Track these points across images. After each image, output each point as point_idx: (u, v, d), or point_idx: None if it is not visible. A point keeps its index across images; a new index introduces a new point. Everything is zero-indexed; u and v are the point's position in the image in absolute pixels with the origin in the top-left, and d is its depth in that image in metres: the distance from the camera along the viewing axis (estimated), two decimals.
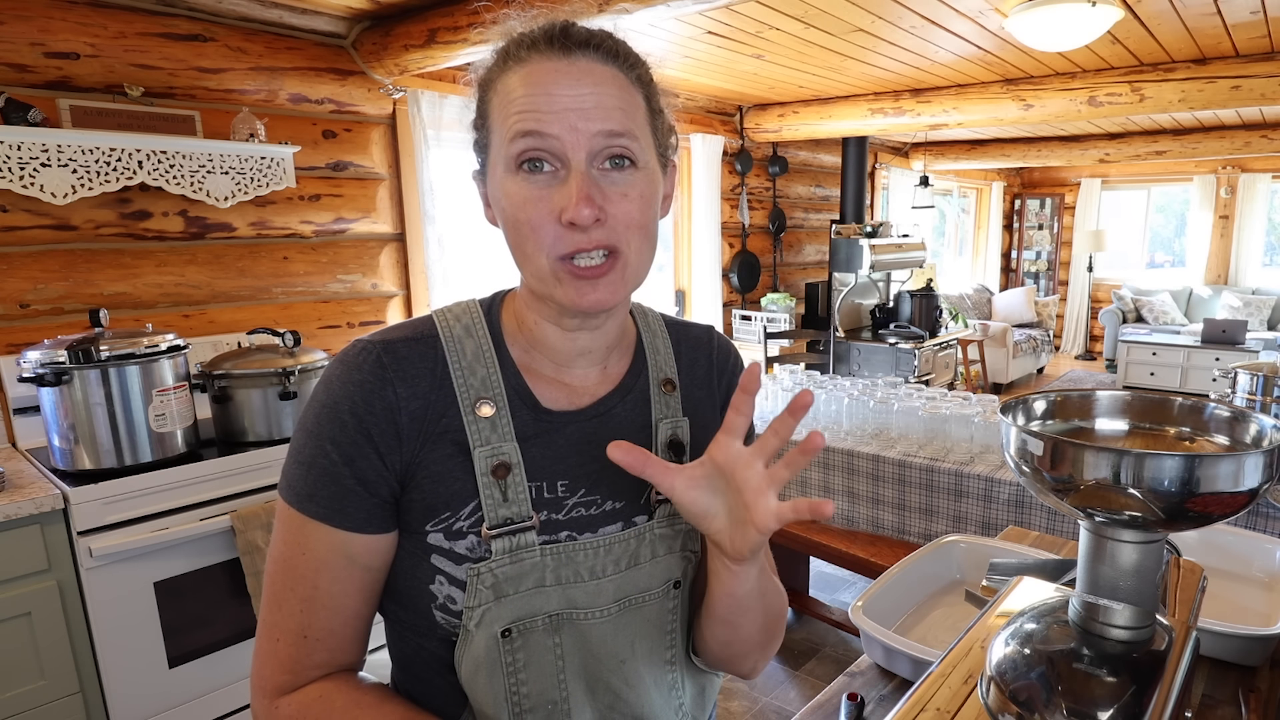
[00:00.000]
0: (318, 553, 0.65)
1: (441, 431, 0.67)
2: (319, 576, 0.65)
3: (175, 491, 1.88)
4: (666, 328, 0.83)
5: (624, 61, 0.65)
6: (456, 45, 2.50)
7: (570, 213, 0.61)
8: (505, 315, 0.74)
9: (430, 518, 0.67)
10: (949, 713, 0.67)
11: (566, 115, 0.61)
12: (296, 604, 0.66)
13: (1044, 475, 0.61)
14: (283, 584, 0.66)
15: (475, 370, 0.69)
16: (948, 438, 2.37)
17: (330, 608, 0.66)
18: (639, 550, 0.73)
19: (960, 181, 7.97)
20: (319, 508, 0.65)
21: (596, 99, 0.62)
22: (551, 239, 0.63)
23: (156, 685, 1.87)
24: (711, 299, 4.68)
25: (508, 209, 0.64)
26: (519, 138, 0.62)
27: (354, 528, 0.65)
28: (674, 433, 0.77)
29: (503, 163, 0.64)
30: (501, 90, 0.64)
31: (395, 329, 0.70)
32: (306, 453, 0.66)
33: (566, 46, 0.63)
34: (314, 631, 0.66)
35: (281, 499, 0.67)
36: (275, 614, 0.66)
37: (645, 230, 0.66)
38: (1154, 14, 2.89)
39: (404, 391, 0.66)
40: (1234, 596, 1.13)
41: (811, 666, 2.60)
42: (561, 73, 0.62)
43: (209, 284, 2.53)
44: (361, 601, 0.68)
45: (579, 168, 0.62)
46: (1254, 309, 7.02)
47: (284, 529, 0.67)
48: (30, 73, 2.12)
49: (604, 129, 0.62)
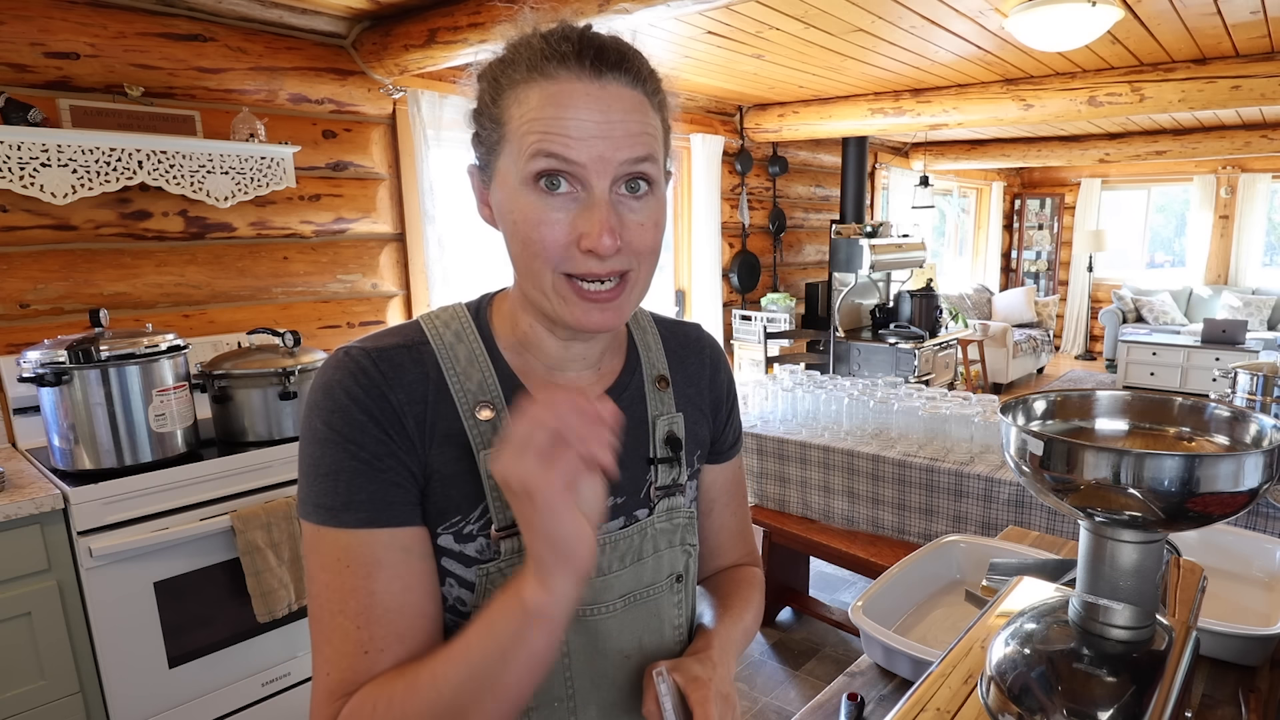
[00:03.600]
0: (366, 559, 0.61)
1: (444, 435, 0.66)
2: (373, 582, 0.61)
3: (175, 491, 1.88)
4: (655, 325, 0.83)
5: (649, 85, 0.65)
6: (456, 45, 2.50)
7: (592, 242, 0.60)
8: (495, 318, 0.73)
9: (441, 521, 0.66)
10: (949, 713, 0.67)
11: (594, 143, 0.60)
12: (349, 623, 0.61)
13: (1044, 475, 0.61)
14: (330, 611, 0.61)
15: (470, 375, 0.68)
16: (948, 438, 2.37)
17: (394, 609, 0.62)
18: (641, 545, 0.74)
19: (960, 181, 7.97)
20: (359, 514, 0.61)
21: (625, 127, 0.61)
22: (560, 257, 0.62)
23: (156, 685, 1.87)
24: (711, 299, 4.68)
25: (519, 224, 0.63)
26: (541, 157, 0.60)
27: (401, 521, 0.63)
28: (671, 428, 0.77)
29: (517, 174, 0.62)
30: (523, 100, 0.62)
31: (382, 336, 0.68)
32: (327, 462, 0.62)
33: (598, 68, 0.61)
34: (376, 643, 0.61)
35: (309, 524, 0.62)
36: (325, 649, 0.61)
37: (655, 254, 0.67)
38: (1154, 14, 2.89)
39: (403, 396, 0.65)
40: (1234, 596, 1.13)
41: (811, 666, 2.60)
42: (593, 97, 0.60)
43: (209, 284, 2.53)
44: (424, 596, 0.64)
45: (602, 196, 0.61)
46: (1254, 309, 7.02)
47: (319, 555, 0.62)
48: (30, 73, 2.12)
49: (630, 157, 0.61)
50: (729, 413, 0.87)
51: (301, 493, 0.64)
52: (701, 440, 0.82)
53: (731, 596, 0.85)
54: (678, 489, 0.77)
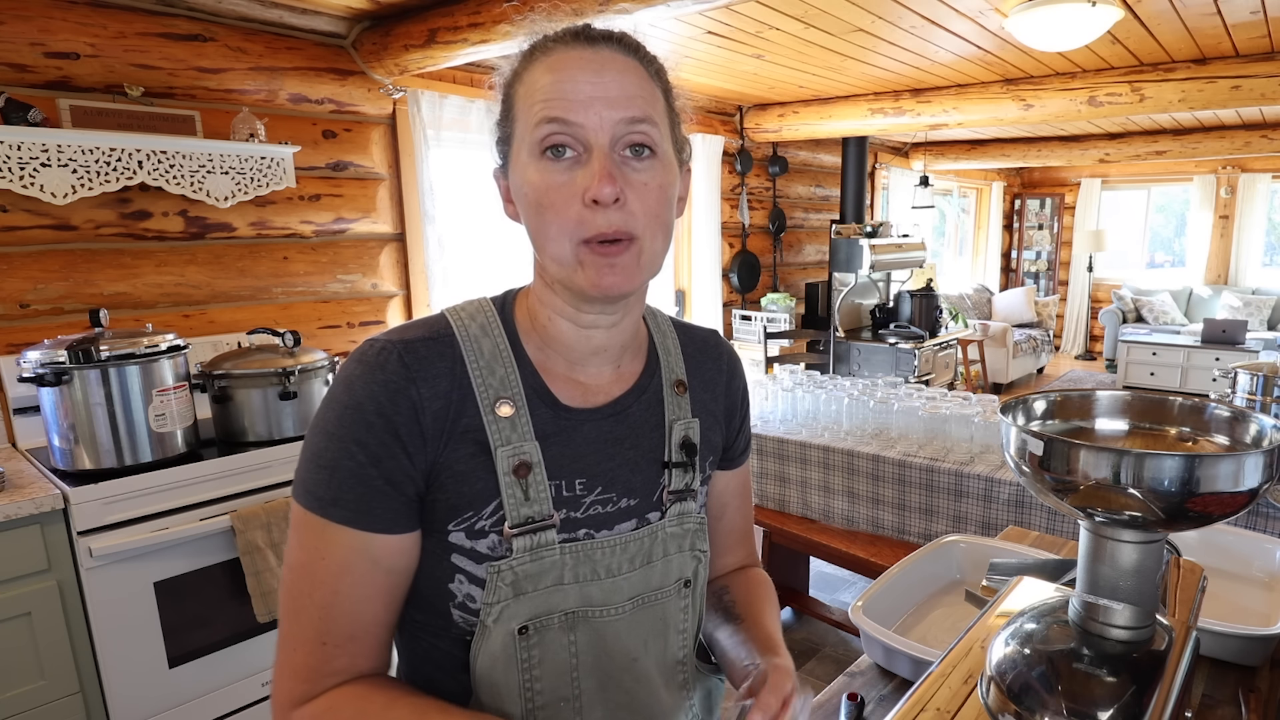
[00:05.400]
0: (339, 557, 0.64)
1: (462, 431, 0.67)
2: (339, 581, 0.64)
3: (175, 491, 1.88)
4: (675, 329, 0.83)
5: (644, 56, 0.68)
6: (456, 45, 2.50)
7: (593, 190, 0.62)
8: (519, 313, 0.74)
9: (453, 517, 0.67)
10: (949, 713, 0.67)
11: (592, 103, 0.62)
12: (315, 611, 0.64)
13: (1044, 475, 0.61)
14: (301, 592, 0.65)
15: (494, 369, 0.69)
16: (948, 438, 2.37)
17: (351, 613, 0.65)
18: (652, 548, 0.74)
19: (960, 181, 7.97)
20: (344, 511, 0.64)
21: (620, 86, 0.64)
22: (574, 223, 0.63)
23: (156, 685, 1.87)
24: (711, 299, 4.68)
25: (530, 194, 0.65)
26: (544, 124, 0.63)
27: (380, 529, 0.64)
28: (686, 433, 0.78)
29: (526, 149, 0.65)
30: (527, 81, 0.66)
31: (410, 328, 0.70)
32: (328, 455, 0.64)
33: (591, 38, 0.65)
34: (333, 638, 0.65)
35: (299, 505, 0.65)
36: (293, 624, 0.65)
37: (662, 221, 0.67)
38: (1154, 14, 2.89)
39: (426, 391, 0.65)
40: (1234, 596, 1.13)
41: (811, 666, 2.60)
42: (586, 60, 0.64)
43: (209, 284, 2.53)
44: (383, 607, 0.67)
45: (601, 150, 0.63)
46: (1254, 309, 7.02)
47: (302, 536, 0.65)
48: (30, 73, 2.12)
49: (626, 115, 0.63)
50: (742, 420, 0.87)
51: (299, 474, 0.66)
52: (715, 446, 0.83)
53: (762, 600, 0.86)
54: (690, 494, 0.77)
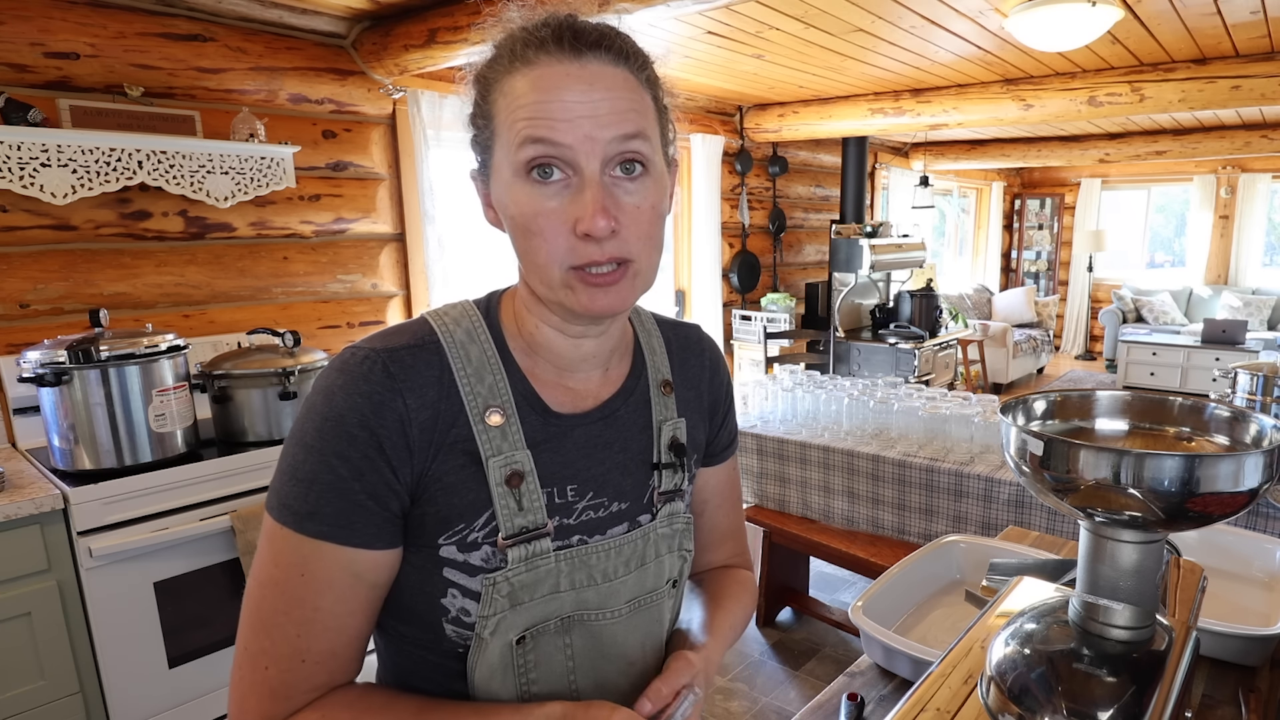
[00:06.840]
0: (320, 573, 0.61)
1: (452, 442, 0.64)
2: (321, 598, 0.62)
3: (175, 491, 1.88)
4: (658, 327, 0.82)
5: (634, 62, 0.63)
6: (456, 45, 2.49)
7: (586, 224, 0.59)
8: (504, 317, 0.71)
9: (443, 530, 0.64)
10: (949, 713, 0.67)
11: (580, 123, 0.59)
12: (292, 628, 0.62)
13: (1044, 475, 0.61)
14: (275, 609, 0.62)
15: (482, 378, 0.67)
16: (948, 438, 2.37)
17: (334, 629, 0.63)
18: (645, 551, 0.73)
19: (960, 181, 7.97)
20: (323, 525, 0.61)
21: (610, 104, 0.60)
22: (564, 250, 0.61)
23: (156, 685, 1.87)
24: (711, 299, 4.68)
25: (517, 217, 0.62)
26: (529, 144, 0.59)
27: (362, 544, 0.62)
28: (674, 434, 0.77)
29: (510, 167, 0.61)
30: (508, 91, 0.61)
31: (392, 334, 0.66)
32: (306, 469, 0.61)
33: (577, 48, 0.60)
34: (313, 654, 0.62)
35: (272, 518, 0.62)
36: (263, 640, 0.62)
37: (655, 240, 0.65)
38: (1154, 14, 2.89)
39: (413, 402, 0.63)
40: (1234, 596, 1.13)
41: (811, 666, 2.60)
42: (573, 77, 0.59)
43: (209, 284, 2.53)
44: (365, 620, 0.65)
45: (593, 177, 0.60)
46: (1254, 309, 7.02)
47: (275, 549, 0.62)
48: (30, 73, 2.12)
49: (618, 133, 0.60)
50: (725, 415, 0.86)
51: (273, 485, 0.63)
52: (699, 444, 0.82)
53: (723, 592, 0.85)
54: (679, 494, 0.77)
